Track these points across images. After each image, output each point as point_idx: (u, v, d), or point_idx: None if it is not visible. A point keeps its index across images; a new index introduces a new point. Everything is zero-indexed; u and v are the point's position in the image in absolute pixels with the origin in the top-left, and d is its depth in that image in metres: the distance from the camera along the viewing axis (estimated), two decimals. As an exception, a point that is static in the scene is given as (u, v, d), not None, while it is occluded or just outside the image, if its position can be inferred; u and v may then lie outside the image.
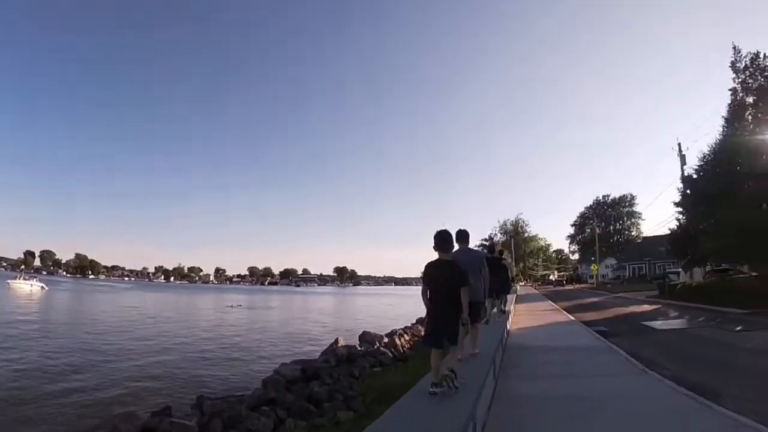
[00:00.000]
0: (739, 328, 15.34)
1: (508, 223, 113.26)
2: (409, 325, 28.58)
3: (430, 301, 5.05)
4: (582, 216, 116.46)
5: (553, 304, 29.19)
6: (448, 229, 5.27)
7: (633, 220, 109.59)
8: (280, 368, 15.06)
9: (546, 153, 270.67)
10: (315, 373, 14.47)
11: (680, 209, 32.22)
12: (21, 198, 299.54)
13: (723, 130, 28.01)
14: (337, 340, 20.32)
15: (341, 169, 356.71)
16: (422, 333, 24.26)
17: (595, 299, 36.10)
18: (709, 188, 26.31)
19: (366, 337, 22.28)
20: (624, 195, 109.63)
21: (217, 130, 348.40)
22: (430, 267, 5.11)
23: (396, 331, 24.22)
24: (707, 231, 27.06)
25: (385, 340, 21.59)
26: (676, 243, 32.39)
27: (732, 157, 25.75)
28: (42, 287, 74.10)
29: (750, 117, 26.71)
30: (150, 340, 26.16)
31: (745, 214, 23.21)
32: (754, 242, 23.03)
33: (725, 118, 28.02)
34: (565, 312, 22.41)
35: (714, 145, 28.51)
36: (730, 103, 27.71)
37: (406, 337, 23.50)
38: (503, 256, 15.15)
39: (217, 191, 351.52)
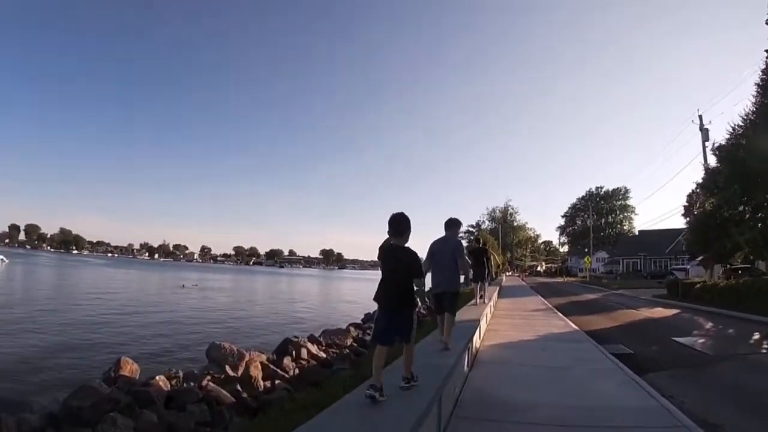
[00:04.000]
0: None
1: (497, 210, 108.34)
2: (335, 328, 19.66)
3: (379, 291, 4.20)
4: (574, 207, 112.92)
5: (544, 300, 23.72)
6: (403, 212, 4.40)
7: (626, 213, 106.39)
8: None
9: (542, 146, 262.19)
10: None
11: (706, 190, 26.44)
12: (7, 172, 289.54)
13: (757, 98, 22.93)
14: (119, 364, 11.08)
15: (337, 157, 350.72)
16: (348, 342, 17.51)
17: (592, 296, 30.63)
18: (750, 162, 20.55)
19: (213, 355, 12.30)
20: (618, 188, 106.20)
21: (209, 113, 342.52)
22: (382, 251, 4.33)
23: (296, 341, 14.61)
24: (743, 218, 21.61)
25: (243, 363, 11.52)
26: (699, 232, 26.51)
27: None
28: (2, 260, 70.75)
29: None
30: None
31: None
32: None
33: (760, 84, 22.95)
34: (560, 314, 16.88)
35: (748, 115, 23.29)
36: (765, 69, 22.65)
37: (310, 350, 14.37)
38: (487, 247, 16.10)
39: (208, 173, 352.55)
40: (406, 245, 4.36)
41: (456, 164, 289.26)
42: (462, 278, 7.19)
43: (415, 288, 4.22)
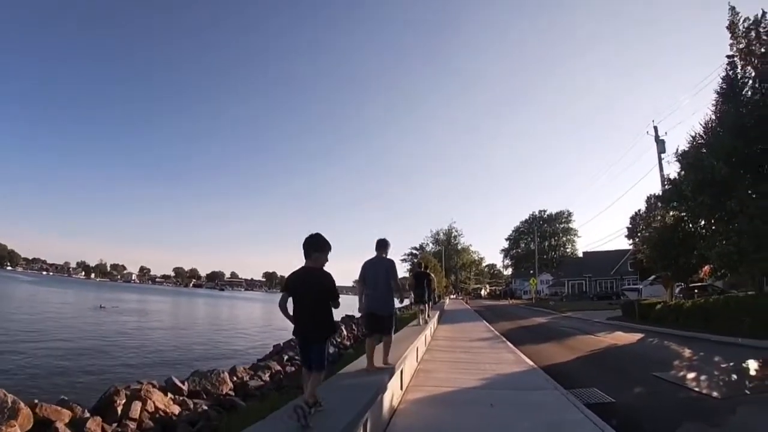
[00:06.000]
0: None
1: (441, 233, 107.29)
2: (209, 369, 13.18)
3: (295, 317, 3.99)
4: (517, 230, 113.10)
5: (490, 326, 20.88)
6: (319, 232, 4.18)
7: (569, 236, 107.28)
8: None
9: (483, 172, 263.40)
10: None
11: (667, 203, 24.34)
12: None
13: (718, 107, 21.51)
14: None
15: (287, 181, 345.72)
16: (224, 390, 11.47)
17: (542, 320, 28.07)
18: (717, 168, 18.46)
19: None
20: (561, 211, 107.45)
21: (153, 127, 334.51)
22: (294, 276, 4.04)
23: (134, 389, 9.76)
24: (709, 230, 19.57)
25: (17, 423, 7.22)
26: (660, 248, 24.49)
27: (739, 135, 18.76)
28: None
29: (756, 88, 20.28)
30: None
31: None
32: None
33: (719, 93, 21.60)
34: (510, 344, 13.91)
35: (708, 123, 21.73)
36: (725, 77, 21.34)
37: (154, 403, 9.52)
38: (428, 271, 16.03)
39: (149, 193, 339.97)
40: (323, 268, 4.13)
41: (399, 189, 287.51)
42: (397, 301, 6.77)
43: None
